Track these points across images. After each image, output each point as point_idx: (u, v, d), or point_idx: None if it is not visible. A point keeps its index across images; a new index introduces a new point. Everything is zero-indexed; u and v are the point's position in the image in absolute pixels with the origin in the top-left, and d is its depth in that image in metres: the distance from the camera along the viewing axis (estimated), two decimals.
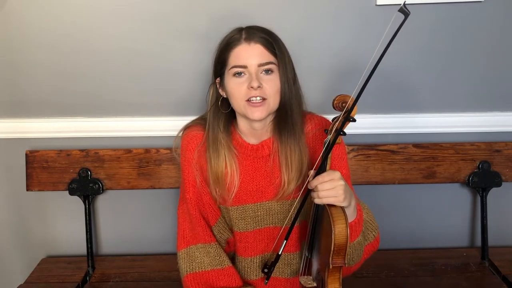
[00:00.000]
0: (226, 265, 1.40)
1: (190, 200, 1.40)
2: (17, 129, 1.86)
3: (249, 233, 1.41)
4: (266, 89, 1.27)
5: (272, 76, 1.29)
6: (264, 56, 1.28)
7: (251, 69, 1.27)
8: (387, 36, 1.10)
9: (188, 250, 1.40)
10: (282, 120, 1.33)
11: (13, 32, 1.78)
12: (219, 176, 1.35)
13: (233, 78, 1.29)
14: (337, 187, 1.17)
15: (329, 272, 1.19)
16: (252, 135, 1.38)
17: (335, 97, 1.23)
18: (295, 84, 1.35)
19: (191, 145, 1.39)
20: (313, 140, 1.39)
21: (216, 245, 1.41)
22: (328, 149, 1.20)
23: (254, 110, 1.28)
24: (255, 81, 1.26)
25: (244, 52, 1.27)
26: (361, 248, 1.32)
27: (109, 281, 1.79)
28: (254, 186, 1.38)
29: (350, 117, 1.18)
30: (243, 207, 1.39)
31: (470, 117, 1.86)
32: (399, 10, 1.12)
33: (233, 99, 1.31)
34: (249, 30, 1.30)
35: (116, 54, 1.80)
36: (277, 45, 1.29)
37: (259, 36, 1.28)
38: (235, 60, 1.28)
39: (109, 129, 1.86)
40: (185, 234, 1.41)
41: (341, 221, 1.15)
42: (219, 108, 1.36)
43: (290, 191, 1.35)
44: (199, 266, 1.38)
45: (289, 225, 1.30)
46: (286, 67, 1.30)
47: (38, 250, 1.97)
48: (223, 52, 1.31)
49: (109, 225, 1.97)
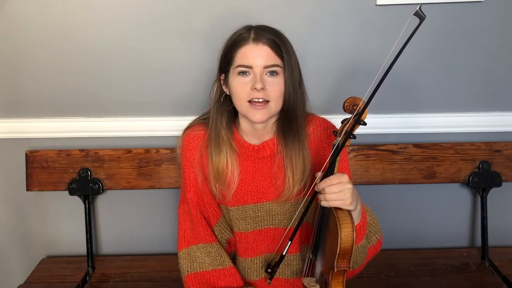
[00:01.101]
0: (228, 265, 1.40)
1: (191, 200, 1.40)
2: (17, 129, 1.86)
3: (249, 233, 1.41)
4: (269, 92, 1.26)
5: (277, 78, 1.28)
6: (271, 58, 1.27)
7: (256, 70, 1.26)
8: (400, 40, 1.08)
9: (189, 250, 1.40)
10: (286, 123, 1.32)
11: (13, 32, 1.78)
12: (220, 171, 1.35)
13: (238, 76, 1.28)
14: (345, 190, 1.16)
15: (333, 275, 1.18)
16: (254, 135, 1.38)
17: (346, 99, 1.20)
18: (301, 87, 1.34)
19: (192, 144, 1.39)
20: (315, 141, 1.38)
21: (217, 245, 1.41)
22: (337, 151, 1.18)
23: (255, 113, 1.27)
24: (259, 82, 1.25)
25: (251, 52, 1.27)
26: (365, 251, 1.32)
27: (109, 281, 1.79)
28: (254, 187, 1.38)
29: (361, 120, 1.16)
30: (243, 207, 1.39)
31: (470, 117, 1.86)
32: (415, 14, 1.09)
33: (235, 98, 1.31)
34: (258, 30, 1.28)
35: (117, 54, 1.80)
36: (285, 48, 1.28)
37: (267, 37, 1.27)
38: (241, 60, 1.27)
39: (109, 129, 1.86)
40: (186, 234, 1.41)
41: (348, 224, 1.14)
42: (221, 105, 1.36)
43: (293, 193, 1.34)
44: (200, 266, 1.38)
45: (294, 225, 1.29)
46: (292, 70, 1.29)
47: (38, 250, 1.97)
48: (230, 49, 1.30)
49: (109, 225, 1.97)
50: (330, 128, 1.40)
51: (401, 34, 1.08)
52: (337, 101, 1.28)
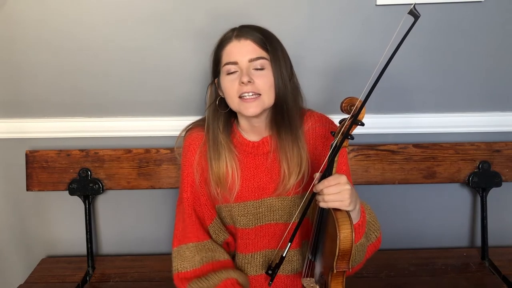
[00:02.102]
0: (218, 259, 1.40)
1: (187, 199, 1.40)
2: (17, 129, 1.86)
3: (250, 229, 1.41)
4: (258, 85, 1.27)
5: (264, 72, 1.29)
6: (255, 51, 1.28)
7: (241, 65, 1.28)
8: (395, 39, 1.08)
9: (179, 249, 1.40)
10: (278, 116, 1.33)
11: (13, 32, 1.78)
12: (221, 177, 1.36)
13: (226, 76, 1.30)
14: (343, 192, 1.16)
15: (333, 276, 1.18)
16: (253, 131, 1.38)
17: (343, 100, 1.20)
18: (292, 81, 1.34)
19: (193, 146, 1.39)
20: (313, 136, 1.39)
21: (210, 242, 1.41)
22: (334, 152, 1.18)
23: (248, 106, 1.28)
24: (245, 76, 1.26)
25: (234, 48, 1.29)
26: (364, 249, 1.32)
27: (109, 281, 1.79)
28: (255, 183, 1.38)
29: (358, 121, 1.16)
30: (244, 204, 1.39)
31: (470, 117, 1.86)
32: (409, 13, 1.08)
33: (228, 98, 1.32)
34: (241, 29, 1.32)
35: (116, 54, 1.80)
36: (269, 41, 1.30)
37: (250, 33, 1.29)
38: (227, 57, 1.30)
39: (109, 129, 1.86)
40: (177, 233, 1.42)
41: (347, 226, 1.14)
42: (217, 108, 1.37)
43: (290, 185, 1.35)
44: (191, 265, 1.38)
45: (295, 221, 1.30)
46: (280, 62, 1.30)
47: (38, 250, 1.97)
48: (217, 51, 1.34)
49: (109, 225, 1.97)
50: (328, 123, 1.41)
51: (396, 33, 1.07)
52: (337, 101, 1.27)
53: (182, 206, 1.41)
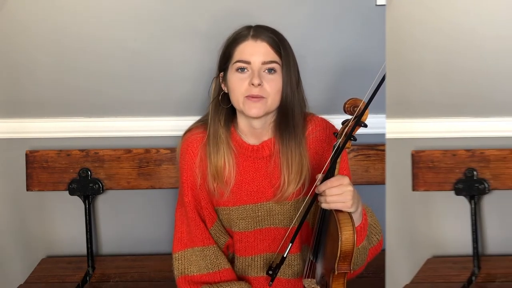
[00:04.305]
0: (223, 267, 1.40)
1: (189, 203, 1.39)
2: (17, 129, 1.86)
3: (249, 232, 1.41)
4: (266, 88, 1.28)
5: (275, 76, 1.29)
6: (269, 54, 1.28)
7: (254, 66, 1.27)
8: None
9: (185, 253, 1.40)
10: (283, 122, 1.33)
11: (13, 32, 1.78)
12: (218, 169, 1.35)
13: (236, 73, 1.30)
14: (346, 193, 1.16)
15: (334, 278, 1.18)
16: (252, 134, 1.38)
17: (346, 101, 1.20)
18: (299, 88, 1.34)
19: (191, 147, 1.39)
20: (314, 141, 1.39)
21: (214, 248, 1.41)
22: (337, 153, 1.18)
23: (251, 106, 1.28)
24: (257, 78, 1.26)
25: (249, 48, 1.29)
26: (366, 252, 1.32)
27: (109, 281, 1.80)
28: (254, 187, 1.38)
29: (361, 122, 1.16)
30: (243, 207, 1.39)
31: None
32: None
33: (232, 94, 1.32)
34: (257, 28, 1.31)
35: (116, 54, 1.80)
36: (283, 46, 1.30)
37: (266, 35, 1.29)
38: (240, 55, 1.29)
39: (109, 129, 1.86)
40: (182, 237, 1.41)
41: (348, 227, 1.13)
42: (220, 103, 1.37)
43: (289, 193, 1.35)
44: (195, 270, 1.38)
45: (295, 226, 1.29)
46: (290, 68, 1.30)
47: (38, 250, 1.97)
48: (229, 46, 1.32)
49: (109, 225, 1.97)
50: (329, 127, 1.41)
51: None
52: (337, 101, 1.28)
53: (184, 210, 1.41)
